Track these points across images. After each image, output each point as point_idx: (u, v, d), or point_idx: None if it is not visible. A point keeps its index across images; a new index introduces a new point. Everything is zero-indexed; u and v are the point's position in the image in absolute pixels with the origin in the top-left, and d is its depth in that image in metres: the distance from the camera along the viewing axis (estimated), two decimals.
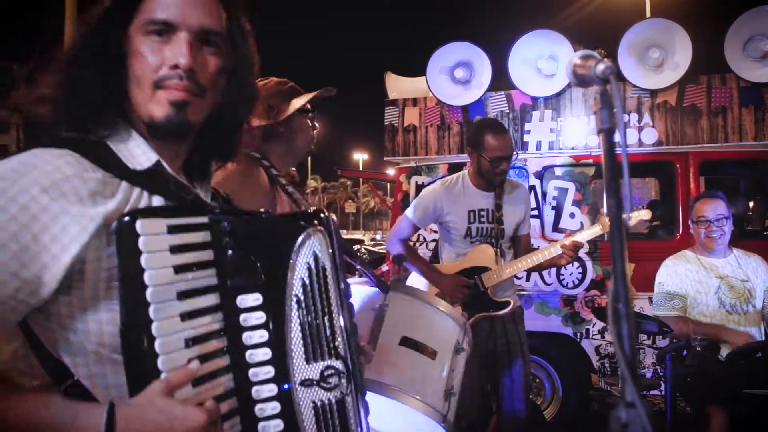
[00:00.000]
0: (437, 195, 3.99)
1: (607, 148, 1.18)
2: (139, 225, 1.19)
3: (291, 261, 1.37)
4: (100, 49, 1.31)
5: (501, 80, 5.74)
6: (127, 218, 1.19)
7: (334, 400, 1.42)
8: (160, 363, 1.18)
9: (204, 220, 1.32)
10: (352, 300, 1.54)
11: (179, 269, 1.24)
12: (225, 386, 1.30)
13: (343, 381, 1.43)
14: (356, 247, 14.38)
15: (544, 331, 5.54)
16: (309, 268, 1.40)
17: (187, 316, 1.24)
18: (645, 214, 3.92)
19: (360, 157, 73.78)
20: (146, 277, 1.19)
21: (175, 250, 1.24)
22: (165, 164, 1.36)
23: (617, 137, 1.17)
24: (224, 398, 1.28)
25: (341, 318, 1.46)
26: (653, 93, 5.46)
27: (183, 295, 1.24)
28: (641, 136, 5.48)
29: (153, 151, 1.34)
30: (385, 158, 6.30)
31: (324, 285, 1.43)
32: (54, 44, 1.38)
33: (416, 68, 6.24)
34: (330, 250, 1.45)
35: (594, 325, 5.42)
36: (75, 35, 1.34)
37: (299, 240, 1.38)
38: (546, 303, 5.51)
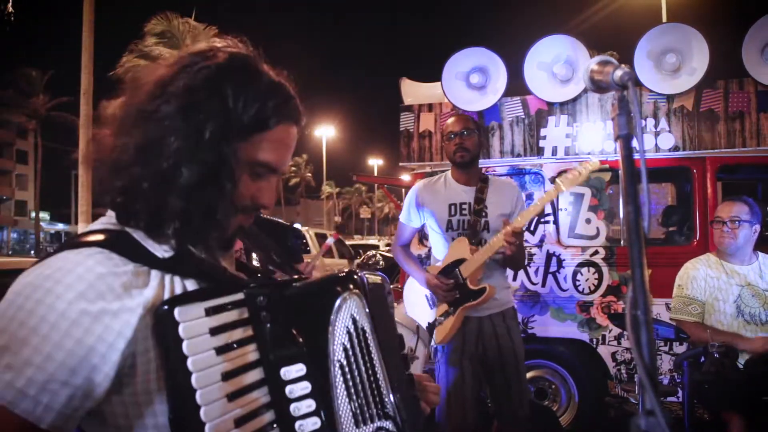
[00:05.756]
0: (417, 190, 4.13)
1: (624, 154, 1.17)
2: (178, 312, 1.18)
3: (330, 327, 1.35)
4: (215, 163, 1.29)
5: (516, 85, 5.73)
6: (165, 307, 1.18)
7: None
8: None
9: (240, 296, 1.30)
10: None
11: (221, 350, 1.23)
12: None
13: None
14: (371, 252, 14.36)
15: (560, 336, 5.52)
16: (349, 332, 1.38)
17: (233, 395, 1.24)
18: (595, 163, 3.70)
19: (375, 162, 73.81)
20: (189, 363, 1.18)
21: (215, 331, 1.23)
22: (191, 248, 1.35)
23: (635, 143, 1.16)
24: None
25: (387, 376, 1.44)
26: (670, 98, 5.43)
27: (227, 376, 1.24)
28: (658, 141, 5.45)
29: None
30: (400, 164, 6.30)
31: (365, 346, 1.41)
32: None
33: (432, 74, 6.25)
34: (367, 311, 1.43)
35: (610, 331, 5.39)
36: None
37: (336, 305, 1.36)
38: (562, 309, 5.49)
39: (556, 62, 5.59)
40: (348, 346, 1.38)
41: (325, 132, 64.83)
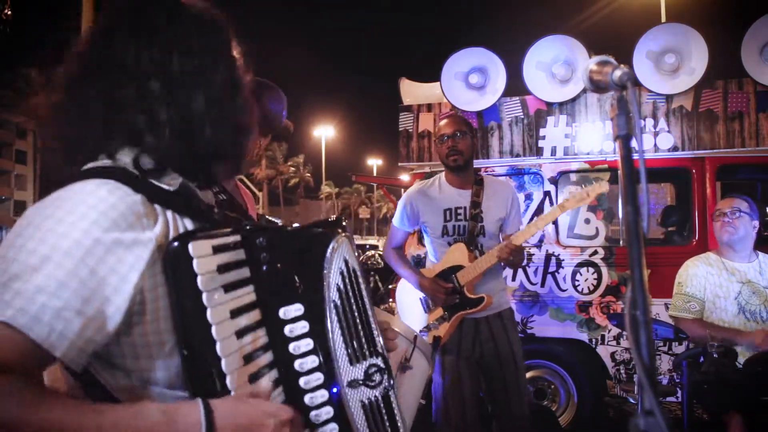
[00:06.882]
0: (411, 196, 4.05)
1: (624, 155, 1.17)
2: (192, 248, 1.19)
3: (325, 268, 1.39)
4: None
5: (516, 86, 5.73)
6: (177, 242, 1.19)
7: (380, 396, 1.46)
8: (228, 382, 1.20)
9: (237, 238, 1.32)
10: None
11: (228, 288, 1.25)
12: (281, 397, 1.32)
13: (385, 377, 1.47)
14: (370, 252, 14.32)
15: (559, 337, 5.52)
16: (342, 273, 1.43)
17: (240, 333, 1.26)
18: (603, 186, 3.74)
19: (374, 162, 73.82)
20: (204, 299, 1.19)
21: (221, 269, 1.25)
22: (190, 185, 1.37)
23: (634, 143, 1.16)
24: None
25: (374, 316, 1.50)
26: (669, 98, 5.43)
27: (235, 313, 1.26)
28: (657, 141, 5.45)
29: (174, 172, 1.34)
30: (399, 164, 6.30)
31: (357, 287, 1.47)
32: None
33: (431, 74, 6.24)
34: (356, 254, 1.49)
35: (609, 331, 5.38)
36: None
37: (330, 247, 1.40)
38: (561, 309, 5.49)
39: (555, 62, 5.59)
40: (341, 287, 1.42)
41: (324, 132, 64.88)
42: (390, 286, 7.52)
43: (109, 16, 1.35)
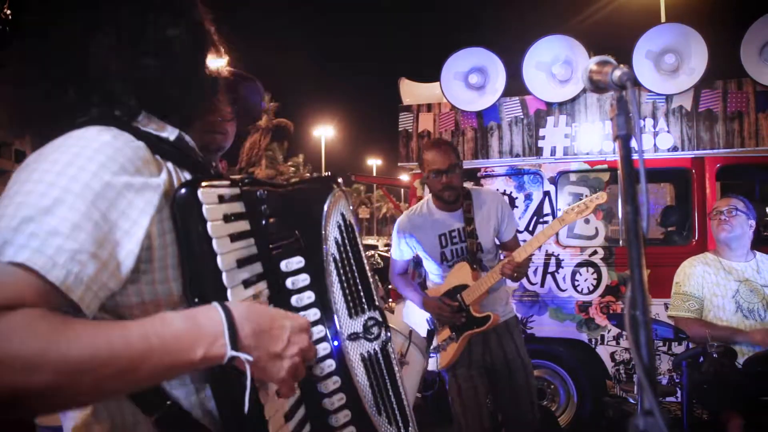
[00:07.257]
0: (403, 226, 4.00)
1: (623, 155, 1.17)
2: (201, 194, 1.19)
3: (323, 222, 1.40)
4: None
5: (515, 86, 5.73)
6: (185, 188, 1.19)
7: (378, 349, 1.48)
8: None
9: (237, 190, 1.32)
10: None
11: (233, 238, 1.25)
12: None
13: (383, 330, 1.49)
14: (369, 253, 14.28)
15: (559, 337, 5.52)
16: (339, 227, 1.44)
17: (246, 284, 1.26)
18: (601, 197, 3.66)
19: (374, 162, 73.76)
20: (214, 245, 1.19)
21: (227, 219, 1.24)
22: (186, 137, 1.36)
23: (634, 143, 1.16)
24: None
25: (371, 271, 1.52)
26: (669, 98, 5.43)
27: (241, 263, 1.25)
28: (656, 141, 5.45)
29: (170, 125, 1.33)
30: (399, 164, 6.30)
31: (354, 240, 1.48)
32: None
33: (431, 74, 6.24)
34: (351, 208, 1.50)
35: (609, 331, 5.39)
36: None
37: (328, 201, 1.42)
38: (561, 309, 5.49)
39: (555, 62, 5.58)
40: (339, 240, 1.44)
41: (324, 132, 64.84)
42: (390, 286, 7.52)
43: None
